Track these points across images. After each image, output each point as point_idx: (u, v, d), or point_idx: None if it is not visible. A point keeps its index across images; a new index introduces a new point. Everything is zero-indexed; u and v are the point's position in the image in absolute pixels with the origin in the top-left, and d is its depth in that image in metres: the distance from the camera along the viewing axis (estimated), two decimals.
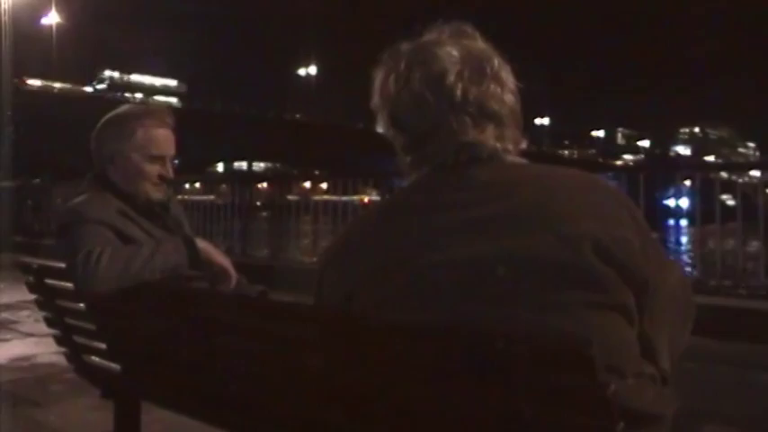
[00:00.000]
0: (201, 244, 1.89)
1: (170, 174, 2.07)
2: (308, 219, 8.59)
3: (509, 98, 1.21)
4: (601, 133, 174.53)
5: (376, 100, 1.25)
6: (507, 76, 1.22)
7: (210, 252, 1.90)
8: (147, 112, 2.08)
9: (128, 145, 2.01)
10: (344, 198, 7.74)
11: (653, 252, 1.13)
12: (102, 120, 2.07)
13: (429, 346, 1.05)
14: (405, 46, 1.24)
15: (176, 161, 2.10)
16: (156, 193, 2.06)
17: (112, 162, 2.03)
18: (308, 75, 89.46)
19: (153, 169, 2.03)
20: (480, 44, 1.23)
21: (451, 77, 1.17)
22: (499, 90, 1.19)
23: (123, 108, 2.09)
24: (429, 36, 1.24)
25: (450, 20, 1.25)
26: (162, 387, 1.80)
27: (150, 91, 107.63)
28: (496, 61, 1.21)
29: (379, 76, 1.25)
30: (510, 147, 1.20)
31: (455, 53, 1.19)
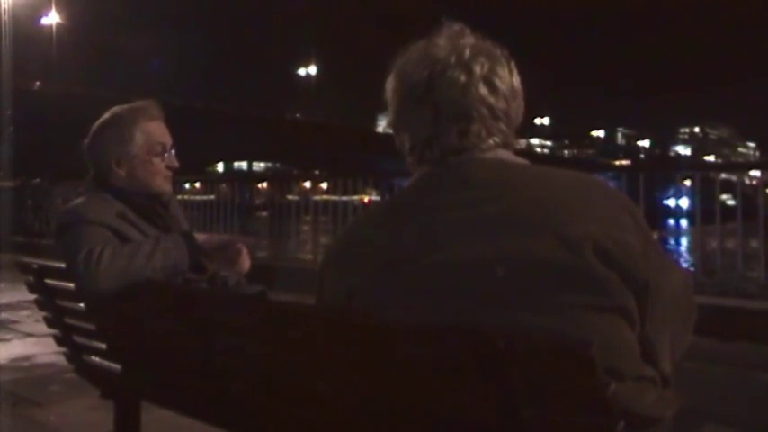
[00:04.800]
0: (201, 237, 1.92)
1: (175, 163, 2.12)
2: (308, 219, 8.59)
3: (508, 98, 1.21)
4: (601, 133, 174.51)
5: (387, 104, 1.28)
6: (505, 76, 1.22)
7: (213, 239, 1.94)
8: (138, 110, 2.10)
9: (131, 147, 2.04)
10: (344, 198, 7.73)
11: (654, 254, 1.13)
12: (97, 124, 2.09)
13: (429, 346, 1.05)
14: (410, 49, 1.25)
15: (173, 150, 2.13)
16: (167, 185, 2.11)
17: (118, 165, 2.04)
18: (308, 75, 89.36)
19: (160, 162, 2.07)
20: (480, 44, 1.23)
21: (450, 79, 1.18)
22: (498, 90, 1.20)
23: (114, 111, 2.10)
24: (429, 38, 1.24)
25: (450, 20, 1.26)
26: (162, 387, 1.80)
27: None
28: (496, 61, 1.22)
29: (389, 80, 1.27)
30: (508, 147, 1.21)
31: (454, 55, 1.19)
